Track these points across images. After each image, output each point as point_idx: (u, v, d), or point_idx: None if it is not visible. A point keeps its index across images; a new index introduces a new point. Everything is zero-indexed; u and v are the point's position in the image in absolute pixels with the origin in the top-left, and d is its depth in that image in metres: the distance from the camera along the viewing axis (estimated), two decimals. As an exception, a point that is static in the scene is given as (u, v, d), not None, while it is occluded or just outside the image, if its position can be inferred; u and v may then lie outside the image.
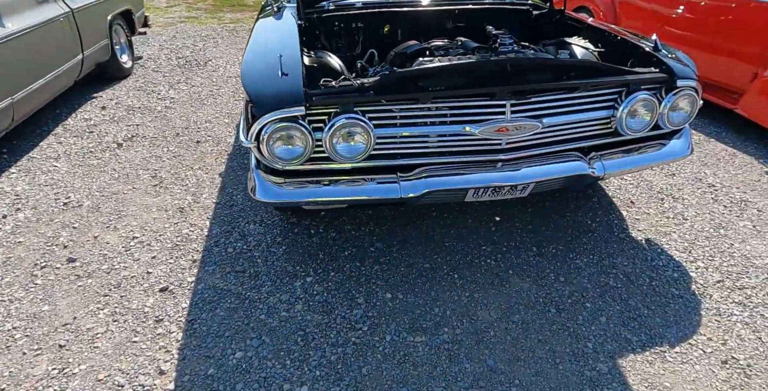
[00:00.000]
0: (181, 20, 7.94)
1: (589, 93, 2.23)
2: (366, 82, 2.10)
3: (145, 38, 6.68)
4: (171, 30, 7.29)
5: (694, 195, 3.14)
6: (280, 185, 2.16)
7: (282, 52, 2.31)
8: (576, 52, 2.74)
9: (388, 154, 2.19)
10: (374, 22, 3.08)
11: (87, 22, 4.38)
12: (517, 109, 2.13)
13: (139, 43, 6.51)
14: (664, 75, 2.28)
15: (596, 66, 2.24)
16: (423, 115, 2.12)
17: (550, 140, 2.29)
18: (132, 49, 5.47)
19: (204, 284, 2.46)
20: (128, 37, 5.37)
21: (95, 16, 4.55)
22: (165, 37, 6.85)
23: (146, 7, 8.37)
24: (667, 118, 2.33)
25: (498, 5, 3.20)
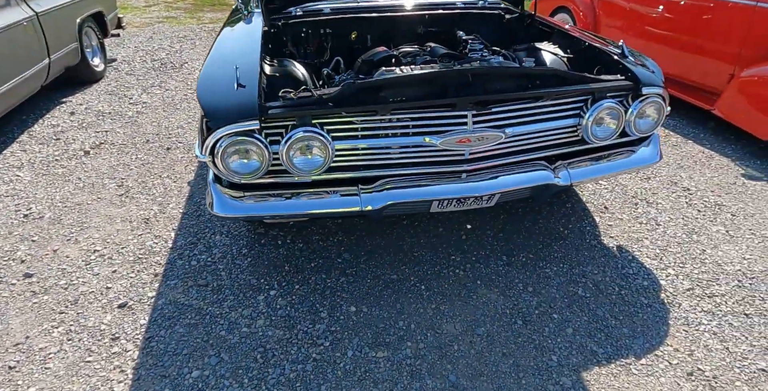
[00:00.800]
0: (159, 20, 7.82)
1: (553, 102, 2.18)
2: (325, 93, 2.04)
3: (120, 40, 6.55)
4: (148, 31, 7.17)
5: (669, 199, 3.11)
6: (239, 199, 2.10)
7: (241, 61, 2.24)
8: (545, 58, 2.69)
9: (350, 166, 2.13)
10: (343, 29, 3.02)
11: (53, 25, 4.28)
12: (479, 120, 2.08)
13: (115, 44, 6.40)
14: (630, 82, 2.24)
15: (560, 74, 2.19)
16: (383, 127, 2.06)
17: (515, 150, 2.24)
18: (104, 51, 5.36)
19: (165, 299, 2.39)
20: (100, 40, 5.26)
21: (63, 19, 4.45)
22: (141, 39, 6.74)
23: (124, 6, 8.25)
24: (634, 125, 2.29)
25: (469, 10, 3.14)
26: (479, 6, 3.22)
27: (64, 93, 4.90)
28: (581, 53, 2.63)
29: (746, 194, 3.16)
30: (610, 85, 2.21)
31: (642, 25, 4.39)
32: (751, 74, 3.61)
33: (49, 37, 4.19)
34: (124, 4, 8.77)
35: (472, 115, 2.05)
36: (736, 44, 3.71)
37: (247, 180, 2.01)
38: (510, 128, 2.13)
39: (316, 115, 1.97)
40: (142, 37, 6.82)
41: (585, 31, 2.91)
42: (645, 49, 4.37)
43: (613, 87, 2.22)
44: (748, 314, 2.24)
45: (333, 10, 3.02)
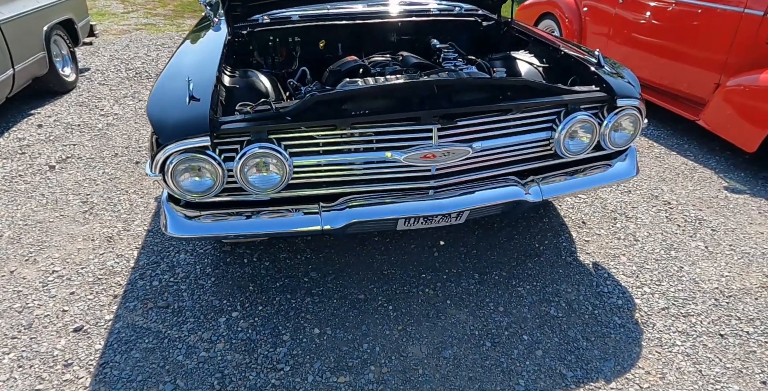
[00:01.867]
0: (138, 27, 7.70)
1: (524, 114, 2.11)
2: (283, 106, 1.96)
3: (95, 48, 6.44)
4: (125, 38, 7.05)
5: (648, 214, 3.06)
6: (195, 219, 2.00)
7: (198, 73, 2.16)
8: (521, 67, 2.63)
9: (311, 184, 2.04)
10: (312, 37, 2.94)
11: (17, 34, 4.15)
12: (445, 134, 2.01)
13: (90, 53, 6.28)
14: (604, 94, 2.18)
15: (531, 85, 2.12)
16: (345, 142, 1.98)
17: (484, 165, 2.17)
18: (76, 61, 5.23)
19: (123, 322, 2.28)
20: (71, 49, 5.13)
21: (27, 28, 4.32)
22: (117, 47, 6.62)
23: (102, 13, 8.14)
24: (609, 138, 2.23)
25: (444, 17, 3.08)
26: (455, 13, 3.15)
27: (33, 104, 4.77)
28: (557, 62, 2.57)
29: (728, 208, 3.12)
30: (583, 96, 2.15)
31: (628, 31, 4.35)
32: (736, 83, 3.56)
33: (13, 47, 4.07)
34: (102, 11, 8.66)
35: (438, 129, 1.97)
36: (722, 52, 3.67)
37: (201, 199, 1.92)
38: (478, 143, 2.06)
39: (273, 130, 1.88)
40: (119, 45, 6.71)
41: (563, 40, 2.86)
42: (631, 57, 4.35)
43: (586, 99, 2.16)
44: (723, 335, 2.17)
45: (302, 17, 2.94)
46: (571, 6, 4.91)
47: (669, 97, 4.14)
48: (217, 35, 2.68)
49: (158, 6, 9.39)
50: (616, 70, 2.36)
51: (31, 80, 4.54)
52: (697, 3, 3.74)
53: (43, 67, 4.59)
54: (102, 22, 7.90)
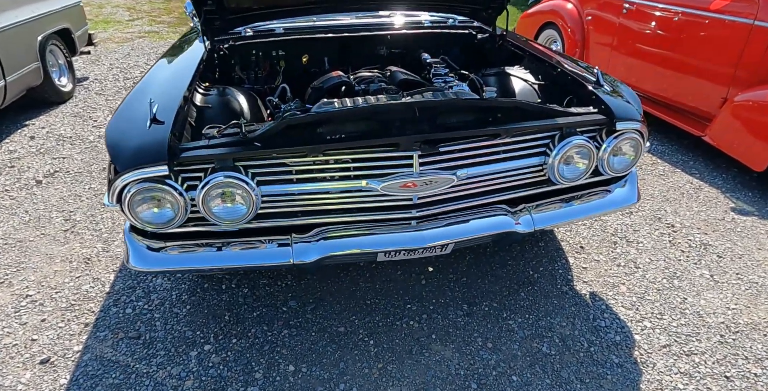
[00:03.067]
0: (141, 35, 7.66)
1: (514, 139, 1.97)
2: (253, 130, 1.84)
3: (96, 56, 6.39)
4: (127, 46, 7.01)
5: (651, 238, 2.89)
6: (161, 250, 1.89)
7: (168, 91, 2.05)
8: (515, 85, 2.49)
9: (283, 213, 1.92)
10: (297, 51, 2.82)
11: (9, 45, 4.09)
12: (427, 161, 1.87)
13: (90, 61, 6.23)
14: (603, 117, 2.03)
15: (522, 107, 1.98)
16: (319, 169, 1.85)
17: (472, 192, 2.03)
18: (72, 70, 5.18)
19: (91, 353, 2.17)
20: (68, 58, 5.08)
21: (20, 38, 4.26)
22: (118, 55, 6.57)
23: (107, 21, 8.12)
24: (608, 163, 2.08)
25: (436, 30, 2.94)
26: (448, 25, 3.02)
27: (28, 115, 4.71)
28: (553, 80, 2.42)
29: (735, 232, 2.94)
30: (580, 119, 2.00)
31: (633, 42, 4.18)
32: (745, 99, 3.38)
33: (4, 58, 4.01)
34: (108, 19, 8.65)
35: (419, 155, 1.83)
36: (730, 65, 3.49)
37: (163, 230, 1.80)
38: (463, 170, 1.92)
39: (240, 157, 1.76)
40: (120, 53, 6.66)
41: (561, 54, 2.71)
42: (635, 69, 4.17)
43: (583, 122, 2.01)
44: (729, 377, 2.00)
45: (287, 30, 2.82)
46: (573, 16, 4.75)
47: (674, 112, 3.96)
48: (196, 49, 2.57)
49: (163, 13, 9.37)
50: (616, 90, 2.21)
51: (25, 91, 4.48)
52: (704, 14, 3.56)
53: (38, 77, 4.53)
54: (106, 30, 7.88)
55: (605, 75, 2.33)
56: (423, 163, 1.87)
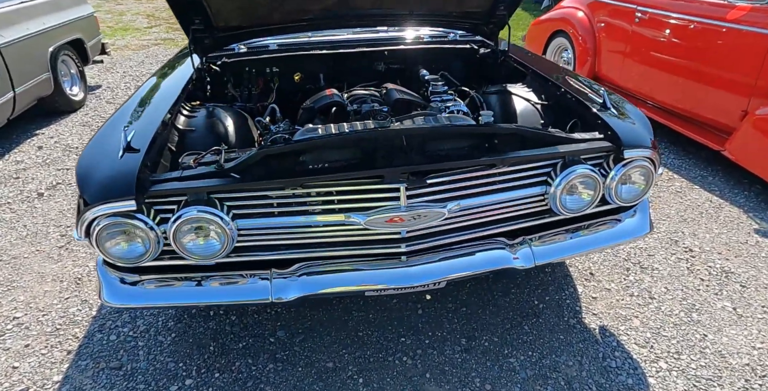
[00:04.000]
0: (157, 42, 7.69)
1: (511, 168, 1.81)
2: (232, 159, 1.74)
3: (111, 64, 6.42)
4: (142, 54, 7.02)
5: (667, 263, 2.69)
6: (138, 284, 1.79)
7: (149, 115, 1.96)
8: (516, 104, 2.32)
9: (262, 246, 1.80)
10: (291, 67, 2.71)
11: (19, 56, 4.10)
12: (415, 193, 1.73)
13: (105, 69, 6.26)
14: (608, 144, 1.86)
15: (521, 133, 1.82)
16: (299, 203, 1.73)
17: (466, 225, 1.88)
18: (84, 79, 5.18)
19: (70, 385, 2.10)
20: (80, 68, 5.08)
21: (31, 50, 4.27)
22: (133, 63, 6.59)
23: (125, 28, 8.17)
24: (615, 193, 1.91)
25: (435, 45, 2.80)
26: (449, 40, 2.87)
27: (38, 124, 4.72)
28: (557, 101, 2.25)
29: (759, 257, 2.72)
30: (583, 147, 1.84)
31: (646, 50, 3.96)
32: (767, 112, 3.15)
33: (14, 70, 4.02)
34: (127, 26, 8.71)
35: (406, 188, 1.70)
36: (750, 75, 3.25)
37: (135, 265, 1.71)
38: (455, 202, 1.77)
39: (213, 190, 1.65)
40: (135, 61, 6.68)
41: (565, 71, 2.53)
42: (649, 79, 3.95)
43: (586, 150, 1.84)
44: (752, 432, 1.81)
45: (281, 46, 2.72)
46: (584, 23, 4.53)
47: (690, 124, 3.72)
48: (186, 68, 2.48)
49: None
50: (624, 112, 2.03)
51: (35, 101, 4.49)
52: (720, 24, 3.33)
53: (48, 88, 4.53)
54: (124, 37, 7.94)
55: (612, 95, 2.16)
56: (411, 195, 1.73)
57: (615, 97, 2.17)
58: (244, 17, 2.24)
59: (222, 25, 2.29)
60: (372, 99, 2.38)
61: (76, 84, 5.09)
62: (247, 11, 2.20)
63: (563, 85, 2.23)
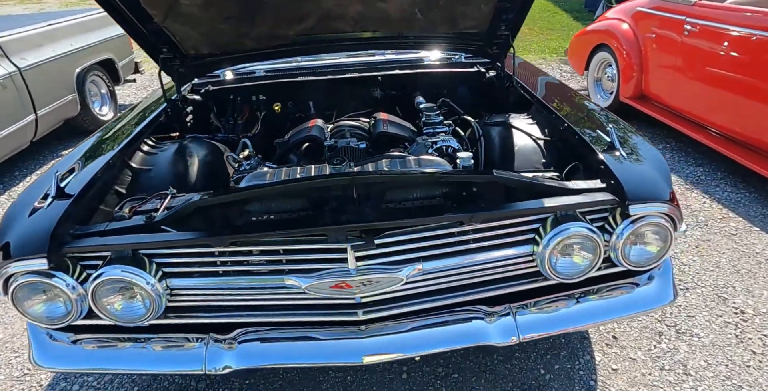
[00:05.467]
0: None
1: (487, 225, 1.50)
2: (171, 206, 1.55)
3: (146, 82, 6.52)
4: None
5: (711, 328, 2.24)
6: (75, 343, 1.62)
7: (96, 156, 1.81)
8: (517, 139, 1.99)
9: (199, 307, 1.59)
10: (278, 95, 2.52)
11: (43, 79, 4.16)
12: (367, 255, 1.46)
13: (139, 88, 6.36)
14: (611, 196, 1.51)
15: (501, 182, 1.52)
16: (235, 261, 1.50)
17: (437, 289, 1.58)
18: (115, 99, 5.25)
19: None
20: (110, 87, 5.15)
21: (56, 72, 4.33)
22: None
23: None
24: (623, 254, 1.55)
25: (436, 69, 2.52)
26: (453, 63, 2.58)
27: (67, 144, 4.79)
28: (561, 136, 1.91)
29: (834, 326, 2.21)
30: (577, 201, 1.50)
31: (701, 66, 3.46)
32: None
33: (36, 92, 4.07)
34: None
35: (353, 248, 1.42)
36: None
37: (57, 326, 1.53)
38: (416, 265, 1.48)
39: (139, 247, 1.45)
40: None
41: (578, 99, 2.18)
42: (702, 98, 3.46)
43: (582, 204, 1.50)
44: None
45: (268, 72, 2.54)
46: (629, 37, 4.06)
47: (751, 152, 3.19)
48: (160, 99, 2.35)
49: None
50: (638, 155, 1.66)
51: (62, 122, 4.56)
52: None
53: (73, 109, 4.59)
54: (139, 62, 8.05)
55: (631, 132, 1.80)
56: (363, 257, 1.45)
57: (633, 135, 1.81)
58: (213, 45, 2.07)
59: (193, 54, 2.13)
60: (352, 133, 2.13)
61: (106, 103, 5.16)
62: (214, 39, 2.03)
63: (568, 118, 1.88)
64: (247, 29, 1.97)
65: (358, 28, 2.07)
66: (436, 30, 2.11)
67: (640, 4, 4.03)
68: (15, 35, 4.05)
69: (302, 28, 2.02)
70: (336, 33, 2.09)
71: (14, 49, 4.03)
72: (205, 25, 1.93)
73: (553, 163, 1.87)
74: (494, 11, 2.01)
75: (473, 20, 2.05)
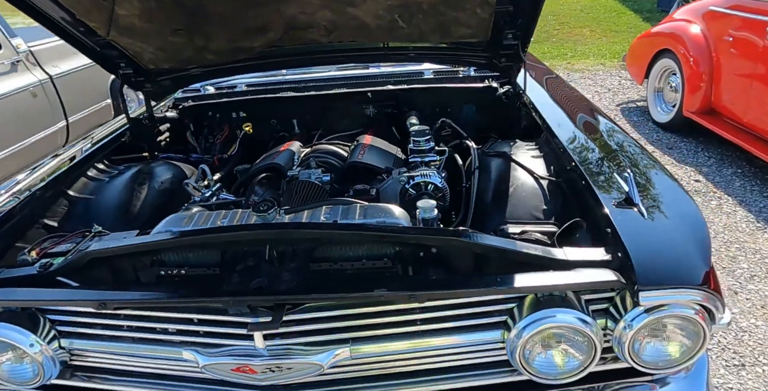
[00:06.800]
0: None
1: (440, 303, 1.15)
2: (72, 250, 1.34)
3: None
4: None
5: (769, 421, 1.74)
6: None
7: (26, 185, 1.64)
8: (516, 177, 1.60)
9: (110, 369, 1.35)
10: (260, 112, 2.28)
11: (75, 86, 4.21)
12: (278, 333, 1.15)
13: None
14: (614, 277, 1.10)
15: (461, 246, 1.17)
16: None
17: (375, 374, 1.24)
18: (150, 104, 5.27)
19: None
20: (148, 93, 5.17)
21: (89, 79, 4.36)
22: (214, 85, 6.66)
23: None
24: (631, 351, 1.13)
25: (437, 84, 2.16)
26: (458, 77, 2.22)
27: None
28: (567, 177, 1.50)
29: None
30: (565, 282, 1.11)
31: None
32: None
33: (67, 100, 4.12)
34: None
35: (257, 326, 1.13)
36: None
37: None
38: (342, 347, 1.15)
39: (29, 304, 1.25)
40: (216, 82, 6.75)
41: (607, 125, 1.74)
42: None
43: (573, 285, 1.11)
44: None
45: (250, 86, 2.30)
46: (698, 42, 3.44)
47: None
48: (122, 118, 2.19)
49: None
50: (664, 214, 1.23)
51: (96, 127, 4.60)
52: None
53: (108, 114, 4.62)
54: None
55: (666, 176, 1.37)
56: (272, 335, 1.15)
57: (666, 181, 1.36)
58: (172, 60, 1.85)
59: (153, 68, 1.92)
60: (321, 161, 1.82)
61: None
62: (171, 53, 1.80)
63: (581, 154, 1.47)
64: (202, 42, 1.73)
65: (334, 39, 1.76)
66: (428, 40, 1.77)
67: (712, 3, 3.43)
68: (48, 44, 4.10)
69: (267, 39, 1.75)
70: (309, 44, 1.81)
71: (47, 58, 4.08)
72: (155, 38, 1.71)
73: (556, 211, 1.46)
74: (494, 17, 1.63)
75: (470, 28, 1.68)
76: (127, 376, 1.34)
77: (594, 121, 1.79)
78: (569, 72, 5.50)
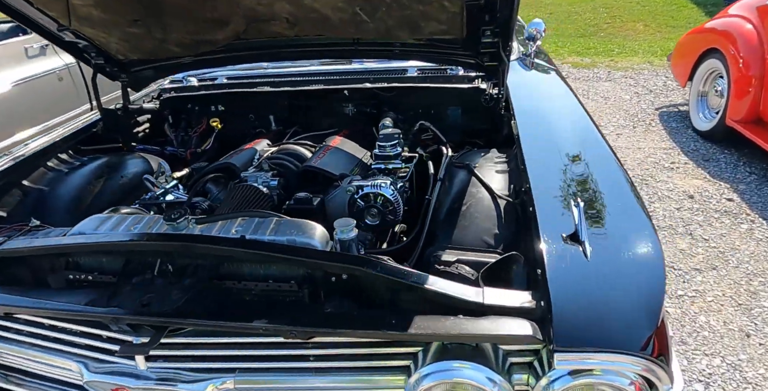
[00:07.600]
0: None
1: (333, 340, 1.03)
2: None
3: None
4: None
5: None
6: None
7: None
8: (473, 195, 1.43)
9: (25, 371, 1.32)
10: (238, 106, 2.20)
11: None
12: (165, 354, 1.07)
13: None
14: (530, 331, 0.92)
15: (361, 276, 1.05)
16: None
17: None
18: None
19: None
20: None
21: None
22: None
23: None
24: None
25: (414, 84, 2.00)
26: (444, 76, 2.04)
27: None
28: (522, 199, 1.32)
29: None
30: (473, 333, 0.94)
31: None
32: None
33: (95, 82, 4.21)
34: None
35: (143, 345, 1.05)
36: None
37: None
38: (227, 378, 1.06)
39: None
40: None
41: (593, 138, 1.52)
42: None
43: (481, 337, 0.96)
44: None
45: (230, 79, 2.23)
46: (750, 40, 3.04)
47: None
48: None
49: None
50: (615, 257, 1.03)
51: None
52: None
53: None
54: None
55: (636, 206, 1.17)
56: (155, 357, 1.06)
57: (630, 215, 1.15)
58: (138, 51, 1.80)
59: (123, 59, 1.87)
60: (275, 164, 1.71)
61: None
62: (135, 44, 1.74)
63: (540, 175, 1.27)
64: (161, 34, 1.66)
65: (298, 32, 1.64)
66: (398, 36, 1.61)
67: (771, -5, 3.03)
68: (77, 27, 4.21)
69: (230, 32, 1.65)
70: (276, 38, 1.70)
71: (75, 42, 4.20)
72: (115, 29, 1.65)
73: (507, 238, 1.28)
74: (465, 12, 1.45)
75: (441, 23, 1.51)
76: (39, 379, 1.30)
77: (579, 137, 1.55)
78: (611, 70, 5.09)
